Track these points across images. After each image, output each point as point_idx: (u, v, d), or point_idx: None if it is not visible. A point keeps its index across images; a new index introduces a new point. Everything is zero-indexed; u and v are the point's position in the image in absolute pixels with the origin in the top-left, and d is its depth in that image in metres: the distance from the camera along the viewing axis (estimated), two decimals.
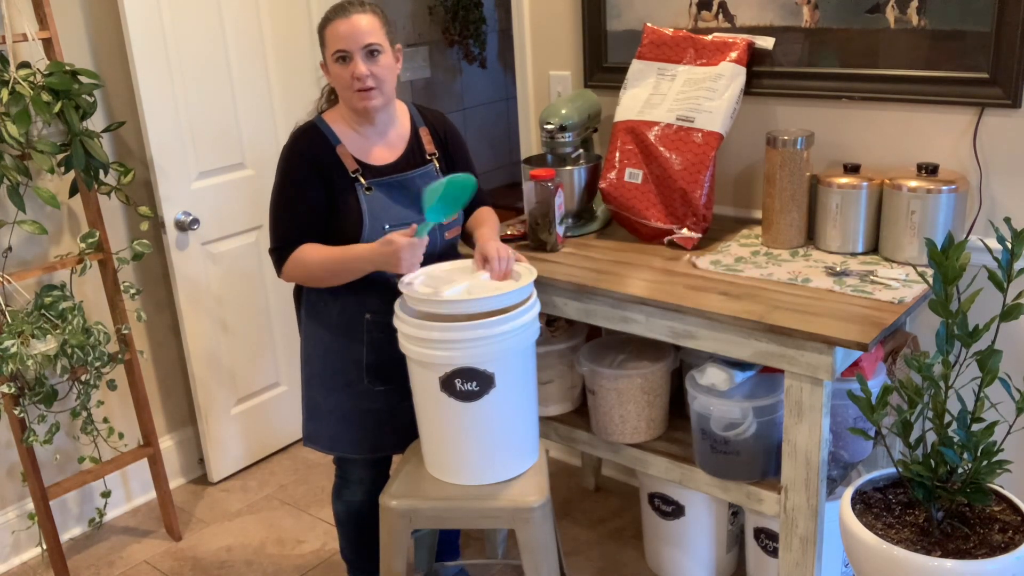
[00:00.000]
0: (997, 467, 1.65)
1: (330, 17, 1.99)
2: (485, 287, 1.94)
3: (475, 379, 1.88)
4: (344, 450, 2.22)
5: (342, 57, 1.98)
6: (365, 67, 1.98)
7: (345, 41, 1.97)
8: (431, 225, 1.94)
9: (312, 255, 2.03)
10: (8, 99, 2.34)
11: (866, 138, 2.25)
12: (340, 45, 1.97)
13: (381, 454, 2.24)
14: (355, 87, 1.99)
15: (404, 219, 2.06)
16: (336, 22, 1.97)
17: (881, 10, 2.13)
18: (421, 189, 2.07)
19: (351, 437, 2.18)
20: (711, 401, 2.05)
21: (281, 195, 2.06)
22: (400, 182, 2.08)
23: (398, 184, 2.08)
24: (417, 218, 2.06)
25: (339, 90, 2.05)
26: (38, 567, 2.81)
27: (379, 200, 2.05)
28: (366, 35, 1.97)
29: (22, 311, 2.52)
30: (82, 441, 2.85)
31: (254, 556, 2.82)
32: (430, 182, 2.09)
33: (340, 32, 1.96)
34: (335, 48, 1.98)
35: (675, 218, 2.29)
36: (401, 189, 2.08)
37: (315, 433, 2.22)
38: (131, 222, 2.92)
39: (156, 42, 2.75)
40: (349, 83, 1.99)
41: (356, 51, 1.97)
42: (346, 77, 1.99)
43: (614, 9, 2.57)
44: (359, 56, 1.97)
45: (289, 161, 2.06)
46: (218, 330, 3.08)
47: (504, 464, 2.00)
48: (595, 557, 2.68)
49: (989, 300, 1.80)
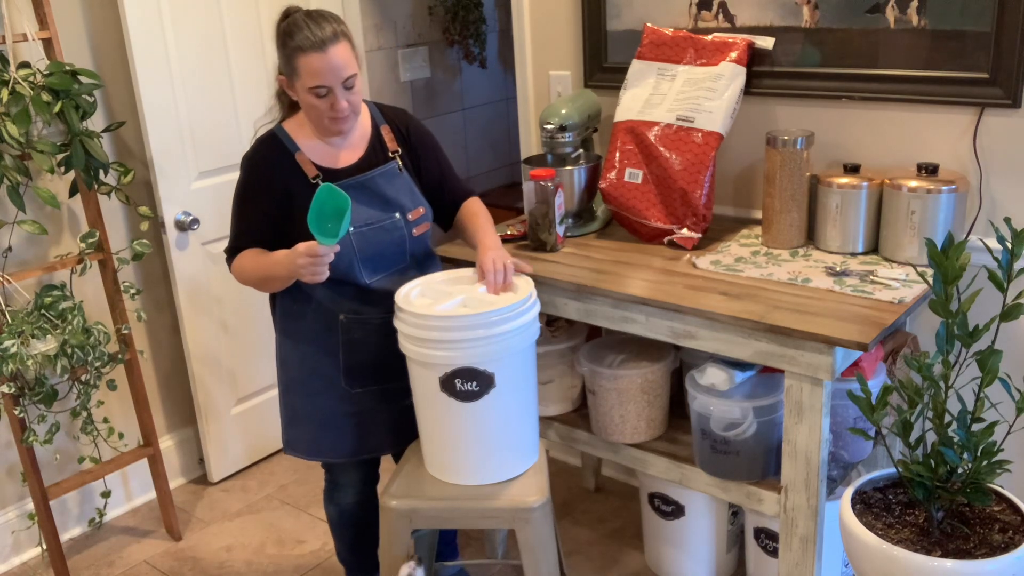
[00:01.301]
0: (997, 467, 1.65)
1: (304, 47, 1.89)
2: (481, 301, 1.94)
3: (475, 379, 1.88)
4: (325, 455, 2.19)
5: (319, 92, 1.92)
6: (344, 101, 1.94)
7: (324, 78, 1.90)
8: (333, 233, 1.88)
9: (247, 262, 2.04)
10: (8, 99, 2.34)
11: (866, 138, 2.25)
12: (319, 82, 1.91)
13: (363, 457, 2.21)
14: (331, 115, 1.96)
15: (368, 220, 2.04)
16: (312, 56, 1.88)
17: (881, 10, 2.13)
18: (384, 188, 2.07)
19: (331, 442, 2.16)
20: (711, 401, 2.05)
21: (236, 201, 2.07)
22: (361, 183, 2.05)
23: (359, 186, 2.05)
24: (381, 217, 2.05)
25: (310, 116, 2.00)
26: (38, 567, 2.81)
27: None
28: (344, 69, 1.92)
29: (22, 311, 2.52)
30: (82, 441, 2.85)
31: (254, 556, 2.82)
32: (393, 180, 2.09)
33: (317, 68, 1.89)
34: (313, 84, 1.91)
35: (675, 218, 2.29)
36: (362, 190, 2.05)
37: (295, 439, 2.20)
38: (131, 222, 2.92)
39: (156, 42, 2.75)
40: (324, 113, 1.96)
41: (336, 86, 1.92)
42: (323, 108, 1.95)
43: (614, 9, 2.57)
44: (338, 91, 1.93)
45: (246, 170, 2.05)
46: (218, 330, 3.08)
47: (504, 464, 2.01)
48: (595, 557, 2.68)
49: (989, 300, 1.80)
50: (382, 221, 2.06)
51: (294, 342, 2.15)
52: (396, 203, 2.09)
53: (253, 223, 2.05)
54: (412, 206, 2.11)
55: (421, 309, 1.90)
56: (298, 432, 2.19)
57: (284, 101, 2.13)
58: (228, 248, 2.11)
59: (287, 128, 2.07)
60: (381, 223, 2.06)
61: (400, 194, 2.10)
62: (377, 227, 2.06)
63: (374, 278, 2.08)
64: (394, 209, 2.08)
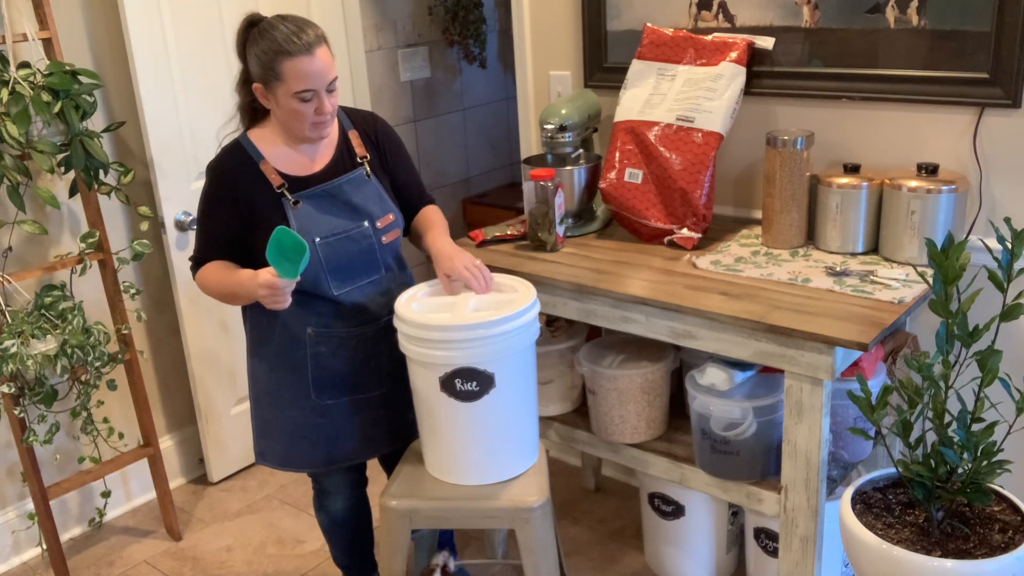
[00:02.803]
0: (997, 467, 1.65)
1: (290, 52, 1.85)
2: (492, 302, 1.95)
3: (475, 379, 1.88)
4: (297, 466, 2.17)
5: (305, 96, 1.90)
6: (330, 103, 1.93)
7: (313, 80, 1.88)
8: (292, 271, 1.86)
9: (211, 276, 2.02)
10: (8, 99, 2.34)
11: (866, 138, 2.25)
12: (307, 85, 1.88)
13: (337, 466, 2.18)
14: (314, 120, 1.94)
15: (335, 230, 2.01)
16: (300, 59, 1.85)
17: (881, 10, 2.13)
18: (351, 196, 2.03)
19: (303, 453, 2.13)
20: (711, 401, 2.05)
21: (200, 210, 2.04)
22: (328, 191, 2.02)
23: (326, 194, 2.02)
24: (349, 226, 2.02)
25: (289, 122, 1.96)
26: (38, 567, 2.81)
27: (308, 213, 1.99)
28: (330, 71, 1.91)
29: (22, 311, 2.53)
30: (82, 441, 2.85)
31: (254, 556, 2.82)
32: (361, 187, 2.06)
33: (306, 71, 1.87)
34: (301, 87, 1.88)
35: (675, 218, 2.29)
36: (330, 198, 2.02)
37: (267, 450, 2.18)
38: (131, 222, 2.92)
39: (156, 42, 2.75)
40: (307, 117, 1.93)
41: (321, 89, 1.90)
42: (307, 113, 1.92)
43: (614, 9, 2.57)
44: (323, 93, 1.91)
45: (210, 179, 2.02)
46: (218, 330, 3.08)
47: (504, 464, 2.01)
48: (595, 557, 2.68)
49: (989, 300, 1.80)
50: (349, 231, 2.02)
51: (262, 355, 2.11)
52: (364, 211, 2.05)
53: (217, 233, 2.02)
54: (381, 213, 2.07)
55: (435, 319, 1.89)
56: (269, 443, 2.16)
57: (246, 112, 2.08)
58: (193, 257, 2.07)
59: (252, 137, 2.03)
60: (348, 232, 2.02)
61: (368, 201, 2.06)
62: (344, 236, 2.02)
63: (343, 289, 2.03)
64: (362, 217, 2.04)
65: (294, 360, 2.07)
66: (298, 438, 2.12)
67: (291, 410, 2.10)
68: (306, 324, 2.04)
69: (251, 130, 2.05)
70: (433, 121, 3.97)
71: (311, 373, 2.07)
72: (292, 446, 2.13)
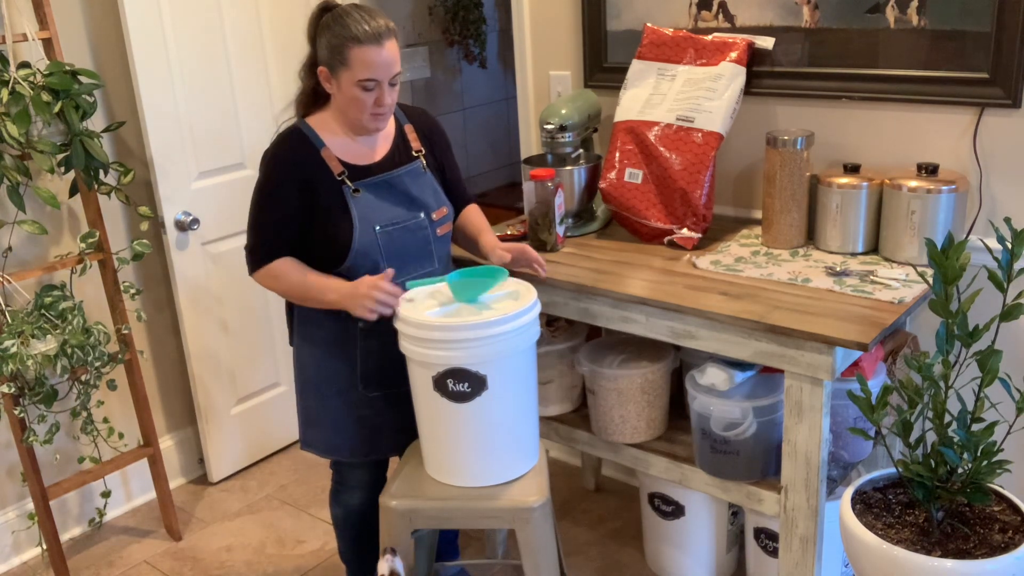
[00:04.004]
0: (997, 467, 1.65)
1: (360, 39, 1.90)
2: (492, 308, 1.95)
3: (467, 380, 1.87)
4: (341, 455, 2.20)
5: (368, 85, 1.93)
6: (390, 97, 1.96)
7: (378, 71, 1.92)
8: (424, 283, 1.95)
9: (289, 274, 2.00)
10: (8, 99, 2.34)
11: (866, 138, 2.25)
12: (372, 74, 1.91)
13: (378, 457, 2.23)
14: (373, 111, 1.97)
15: (394, 219, 2.04)
16: (369, 48, 1.90)
17: (881, 10, 2.13)
18: (409, 187, 2.07)
19: (347, 443, 2.17)
20: (711, 401, 2.05)
21: (261, 198, 2.03)
22: (387, 181, 2.06)
23: (385, 184, 2.05)
24: (406, 217, 2.05)
25: (349, 110, 1.99)
26: (38, 567, 2.81)
27: (368, 201, 2.03)
28: (395, 64, 1.94)
29: (22, 311, 2.52)
30: (82, 441, 2.85)
31: (254, 556, 2.82)
32: (418, 179, 2.09)
33: (373, 60, 1.90)
34: (365, 76, 1.91)
35: (675, 218, 2.29)
36: (389, 188, 2.06)
37: (312, 439, 2.21)
38: (131, 222, 2.92)
39: (156, 42, 2.75)
40: (367, 107, 1.96)
41: (384, 80, 1.94)
42: (367, 102, 1.95)
43: (614, 9, 2.57)
44: (385, 86, 1.95)
45: (270, 165, 2.02)
46: (218, 330, 3.08)
47: (499, 467, 1.99)
48: (595, 557, 2.68)
49: (989, 300, 1.80)
50: (407, 221, 2.06)
51: (311, 347, 2.14)
52: (421, 202, 2.09)
53: (282, 220, 2.01)
54: (436, 205, 2.11)
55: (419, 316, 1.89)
56: (315, 432, 2.20)
57: (308, 96, 2.10)
58: (252, 249, 2.05)
59: (311, 123, 2.05)
60: (406, 223, 2.06)
61: (424, 193, 2.10)
62: (402, 227, 2.05)
63: (398, 280, 2.04)
64: (419, 208, 2.08)
65: (344, 352, 2.09)
66: (343, 429, 2.15)
67: (336, 400, 2.13)
68: (358, 320, 2.04)
69: (309, 117, 2.07)
70: None
71: (360, 366, 2.10)
72: (336, 435, 2.16)
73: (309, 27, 2.01)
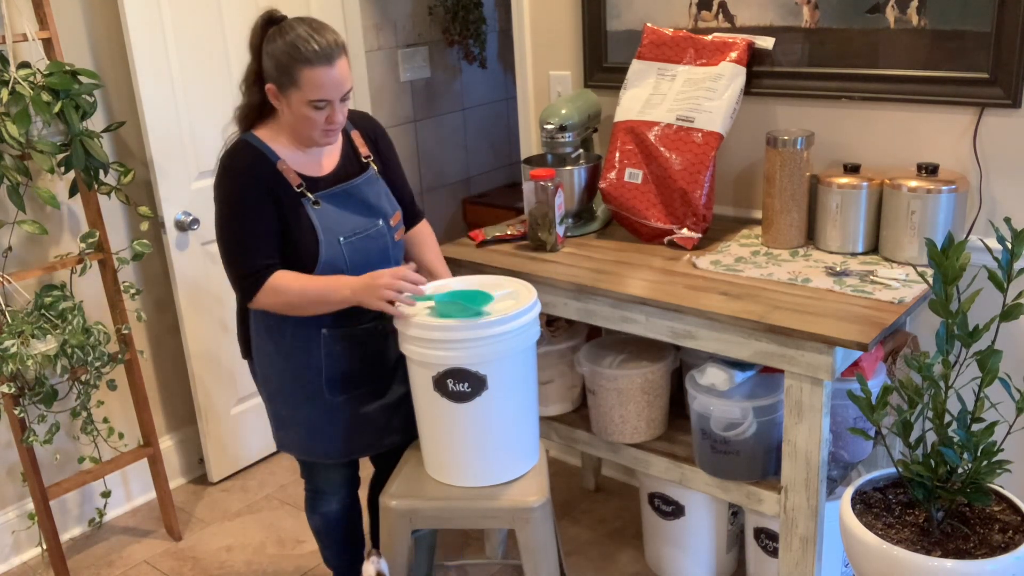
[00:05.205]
0: (997, 467, 1.65)
1: (311, 60, 1.83)
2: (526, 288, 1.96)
3: (467, 380, 1.87)
4: (317, 456, 2.16)
5: (319, 105, 1.88)
6: (341, 114, 1.92)
7: (330, 91, 1.87)
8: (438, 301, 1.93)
9: (292, 284, 1.93)
10: (8, 99, 2.34)
11: (866, 138, 2.25)
12: (323, 95, 1.86)
13: (355, 457, 2.19)
14: (324, 127, 1.93)
15: (356, 229, 2.00)
16: (319, 70, 1.84)
17: (881, 10, 2.13)
18: (366, 195, 2.04)
19: (321, 445, 2.13)
20: (711, 401, 2.05)
21: (235, 220, 1.94)
22: (346, 191, 2.02)
23: (344, 193, 2.01)
24: (367, 225, 2.02)
25: (300, 127, 1.93)
26: (38, 567, 2.81)
27: (329, 212, 1.98)
28: (346, 82, 1.89)
29: (22, 311, 2.53)
30: (82, 441, 2.85)
31: (254, 556, 2.82)
32: (373, 186, 2.06)
33: (323, 81, 1.85)
34: (316, 96, 1.86)
35: (675, 218, 2.29)
36: (347, 198, 2.02)
37: (287, 441, 2.18)
38: (131, 222, 2.92)
39: (156, 42, 2.75)
40: (318, 125, 1.91)
41: (336, 99, 1.89)
42: (318, 120, 1.90)
43: (614, 9, 2.57)
44: (337, 103, 1.90)
45: (233, 180, 1.94)
46: (218, 330, 3.08)
47: (499, 467, 1.99)
48: (595, 557, 2.68)
49: (989, 300, 1.80)
50: (368, 229, 2.03)
51: (273, 358, 2.09)
52: (378, 209, 2.06)
53: (263, 230, 1.93)
54: (392, 211, 2.09)
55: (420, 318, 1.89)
56: (288, 435, 2.17)
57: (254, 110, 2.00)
58: (242, 275, 1.95)
59: (260, 136, 1.98)
60: (367, 231, 2.03)
61: (380, 200, 2.07)
62: (364, 235, 2.02)
63: None
64: (377, 215, 2.05)
65: (308, 360, 2.05)
66: (315, 431, 2.12)
67: (305, 407, 2.10)
68: (321, 325, 2.02)
69: (257, 129, 2.00)
70: (433, 121, 3.97)
71: (325, 373, 2.06)
72: (310, 438, 2.14)
73: (252, 40, 1.93)
